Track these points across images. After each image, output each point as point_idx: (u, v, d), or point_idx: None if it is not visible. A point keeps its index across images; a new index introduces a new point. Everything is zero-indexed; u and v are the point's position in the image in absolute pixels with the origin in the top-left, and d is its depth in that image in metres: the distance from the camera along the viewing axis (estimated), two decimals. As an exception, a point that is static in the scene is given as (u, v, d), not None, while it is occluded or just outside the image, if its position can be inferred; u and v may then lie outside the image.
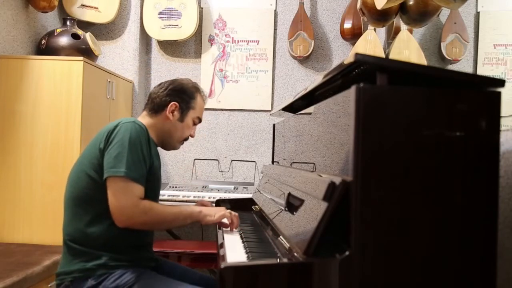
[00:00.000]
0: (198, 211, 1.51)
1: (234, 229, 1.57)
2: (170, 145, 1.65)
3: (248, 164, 3.21)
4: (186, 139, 1.68)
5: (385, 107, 0.96)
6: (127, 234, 1.42)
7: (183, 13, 3.08)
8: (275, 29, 3.22)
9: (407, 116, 0.97)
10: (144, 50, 3.24)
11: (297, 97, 1.53)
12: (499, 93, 0.99)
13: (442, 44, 2.99)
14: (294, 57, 3.15)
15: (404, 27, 2.79)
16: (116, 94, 2.79)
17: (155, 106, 1.60)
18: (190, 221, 1.51)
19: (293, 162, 1.63)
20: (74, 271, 1.40)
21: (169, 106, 1.59)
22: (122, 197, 1.36)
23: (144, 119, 1.61)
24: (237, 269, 1.01)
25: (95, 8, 2.99)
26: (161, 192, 2.73)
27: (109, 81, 2.67)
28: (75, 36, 2.62)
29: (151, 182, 1.48)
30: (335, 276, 0.95)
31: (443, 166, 0.98)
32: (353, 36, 2.99)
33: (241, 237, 1.45)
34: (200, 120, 1.69)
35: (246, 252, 1.27)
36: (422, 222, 0.97)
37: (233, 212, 1.59)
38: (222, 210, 1.56)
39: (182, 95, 1.61)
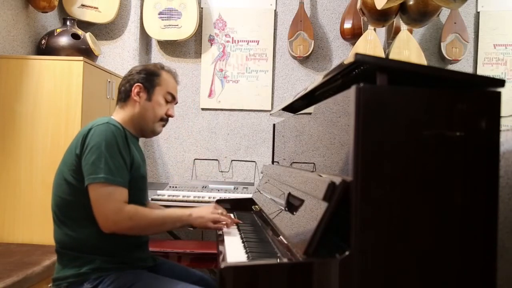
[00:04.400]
0: (188, 214, 1.48)
1: (228, 227, 1.57)
2: (148, 130, 1.58)
3: (248, 164, 3.21)
4: (165, 119, 1.60)
5: (385, 107, 0.96)
6: (118, 236, 1.39)
7: (183, 13, 3.08)
8: (275, 29, 3.22)
9: (407, 116, 0.97)
10: (144, 50, 3.24)
11: (297, 97, 1.53)
12: (499, 93, 0.99)
13: (442, 44, 2.99)
14: (294, 57, 3.15)
15: (404, 27, 2.79)
16: (116, 94, 2.79)
17: (123, 95, 1.57)
18: (180, 225, 1.50)
19: (293, 162, 1.62)
20: (69, 276, 1.39)
21: (133, 89, 1.55)
22: (105, 204, 1.34)
23: (117, 114, 1.57)
24: (237, 269, 1.01)
25: (95, 8, 2.99)
26: (161, 192, 2.74)
27: (109, 81, 2.67)
28: (75, 36, 2.62)
29: (135, 180, 1.46)
30: (335, 276, 0.95)
31: (443, 166, 0.97)
32: (353, 36, 3.00)
33: (241, 237, 1.45)
34: (173, 97, 1.61)
35: (246, 252, 1.27)
36: (422, 222, 0.97)
37: (223, 213, 1.57)
38: (213, 212, 1.53)
39: (144, 75, 1.57)
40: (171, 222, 1.47)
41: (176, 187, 2.89)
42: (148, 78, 1.57)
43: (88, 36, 2.66)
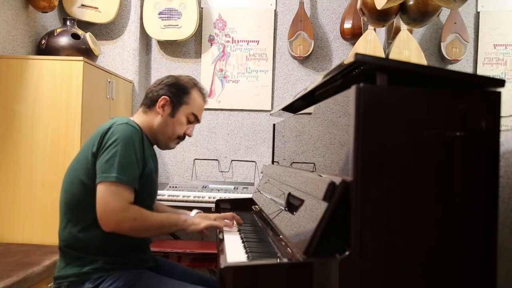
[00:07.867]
0: (184, 220, 1.49)
1: (231, 227, 1.58)
2: (162, 143, 1.59)
3: (248, 164, 3.21)
4: (181, 138, 1.60)
5: (385, 107, 0.96)
6: (123, 238, 1.39)
7: (183, 13, 3.08)
8: (275, 29, 3.22)
9: (407, 116, 0.97)
10: (144, 50, 3.24)
11: (297, 97, 1.53)
12: (499, 93, 0.99)
13: (442, 44, 2.98)
14: (294, 57, 3.15)
15: (404, 27, 2.79)
16: (116, 94, 2.79)
17: (149, 101, 1.56)
18: (175, 229, 1.52)
19: (293, 162, 1.62)
20: (71, 275, 1.39)
21: (159, 100, 1.53)
22: (111, 201, 1.33)
23: (138, 116, 1.57)
24: (237, 269, 1.01)
25: (95, 8, 2.99)
26: (161, 192, 2.74)
27: (109, 81, 2.67)
28: (75, 36, 2.62)
29: (146, 186, 1.46)
30: (335, 276, 0.95)
31: (443, 166, 0.97)
32: (353, 36, 2.99)
33: (241, 237, 1.45)
34: (196, 118, 1.60)
35: (246, 252, 1.27)
36: (422, 222, 0.97)
37: (225, 219, 1.60)
38: (209, 219, 1.54)
39: (174, 89, 1.55)
40: (168, 227, 1.47)
41: (176, 187, 2.88)
42: (177, 93, 1.55)
43: (88, 36, 2.66)
